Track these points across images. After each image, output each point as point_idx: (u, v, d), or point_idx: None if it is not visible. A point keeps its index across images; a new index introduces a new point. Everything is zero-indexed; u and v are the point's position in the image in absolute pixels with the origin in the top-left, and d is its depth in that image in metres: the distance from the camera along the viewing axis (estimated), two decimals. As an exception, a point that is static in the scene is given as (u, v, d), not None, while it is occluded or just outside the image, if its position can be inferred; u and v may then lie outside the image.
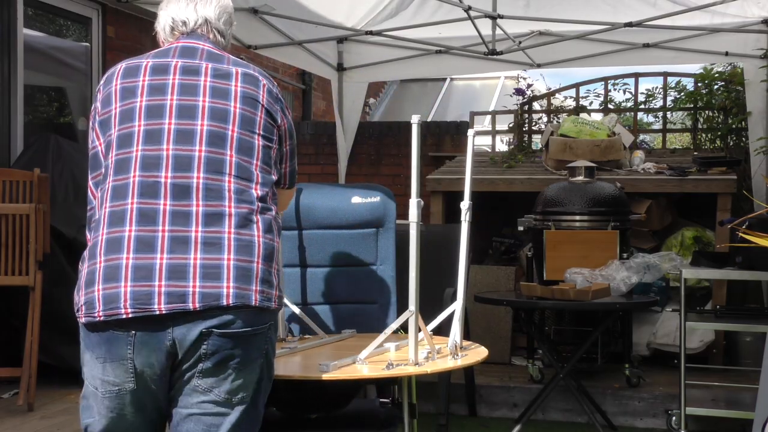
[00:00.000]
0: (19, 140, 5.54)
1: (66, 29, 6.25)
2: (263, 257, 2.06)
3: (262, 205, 2.09)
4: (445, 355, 2.53)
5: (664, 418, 4.24)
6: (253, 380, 2.07)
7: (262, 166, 2.11)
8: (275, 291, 2.09)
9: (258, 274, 2.04)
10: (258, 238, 2.05)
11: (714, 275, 4.55)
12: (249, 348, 2.04)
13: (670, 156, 6.37)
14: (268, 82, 2.20)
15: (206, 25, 2.24)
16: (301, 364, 2.56)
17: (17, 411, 4.18)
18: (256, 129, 2.12)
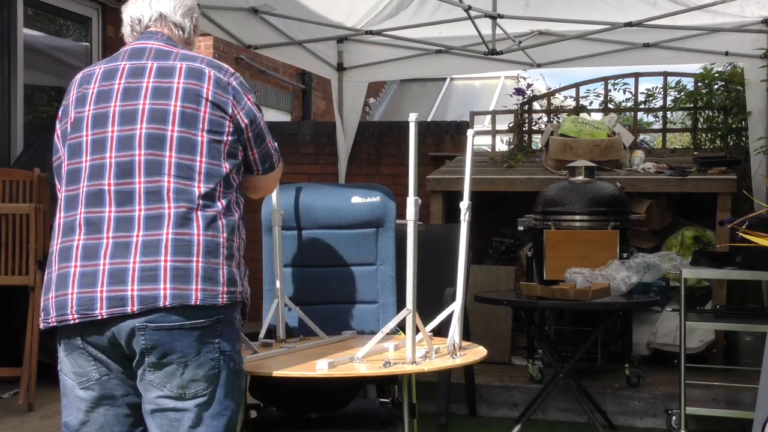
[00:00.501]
0: (19, 140, 5.54)
1: (66, 29, 6.25)
2: (204, 254, 2.06)
3: (204, 202, 2.08)
4: (444, 355, 2.53)
5: (664, 417, 4.24)
6: (207, 375, 2.07)
7: (208, 162, 2.11)
8: (222, 287, 2.08)
9: (198, 272, 2.05)
10: (197, 236, 2.06)
11: (714, 275, 4.55)
12: (191, 342, 2.05)
13: (670, 156, 6.37)
14: (217, 72, 2.17)
15: (161, 20, 2.24)
16: (301, 363, 2.55)
17: (17, 411, 4.18)
18: (199, 125, 2.11)
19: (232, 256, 2.12)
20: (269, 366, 2.50)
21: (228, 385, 2.12)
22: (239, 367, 2.17)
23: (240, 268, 2.16)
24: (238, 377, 2.16)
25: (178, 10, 2.26)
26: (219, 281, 2.07)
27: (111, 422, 2.14)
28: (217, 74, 2.15)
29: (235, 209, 2.17)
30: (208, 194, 2.09)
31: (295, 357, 2.67)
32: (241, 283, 2.15)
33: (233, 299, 2.11)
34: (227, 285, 2.10)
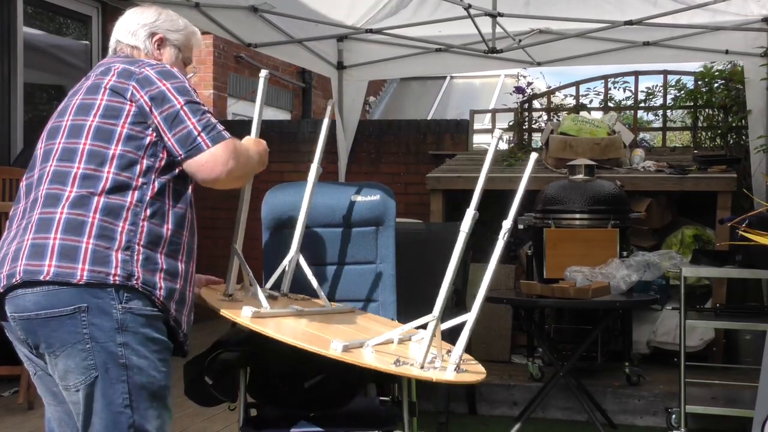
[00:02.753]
0: (19, 138, 5.55)
1: (66, 27, 6.25)
2: (62, 231, 2.04)
3: (80, 180, 2.09)
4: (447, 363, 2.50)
5: (664, 416, 4.24)
6: (81, 366, 2.03)
7: (92, 143, 2.13)
8: (81, 265, 2.01)
9: (54, 248, 2.03)
10: (60, 214, 2.07)
11: (714, 273, 4.55)
12: (54, 331, 2.03)
13: (670, 154, 6.37)
14: (128, 66, 2.21)
15: (120, 44, 2.36)
16: (309, 336, 2.50)
17: (17, 409, 4.18)
18: (92, 112, 2.16)
19: (109, 238, 2.05)
20: (278, 329, 2.44)
21: (111, 381, 2.03)
22: (126, 361, 2.04)
23: (133, 253, 2.07)
24: (128, 371, 2.04)
25: (129, 34, 2.35)
26: (78, 259, 2.02)
27: (64, 419, 2.20)
28: (126, 67, 2.20)
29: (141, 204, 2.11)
30: (86, 175, 2.10)
31: (300, 324, 2.61)
32: (122, 267, 2.04)
33: (99, 280, 2.02)
34: (90, 264, 2.02)
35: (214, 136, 2.14)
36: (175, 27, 2.40)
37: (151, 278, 2.09)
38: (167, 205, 2.16)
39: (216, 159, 2.13)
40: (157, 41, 2.36)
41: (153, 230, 2.12)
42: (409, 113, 11.07)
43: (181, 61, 2.41)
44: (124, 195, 2.09)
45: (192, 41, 2.46)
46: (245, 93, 8.98)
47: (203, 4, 4.96)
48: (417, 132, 7.66)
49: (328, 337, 2.39)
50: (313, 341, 2.38)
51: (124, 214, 2.08)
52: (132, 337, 2.05)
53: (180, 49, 2.41)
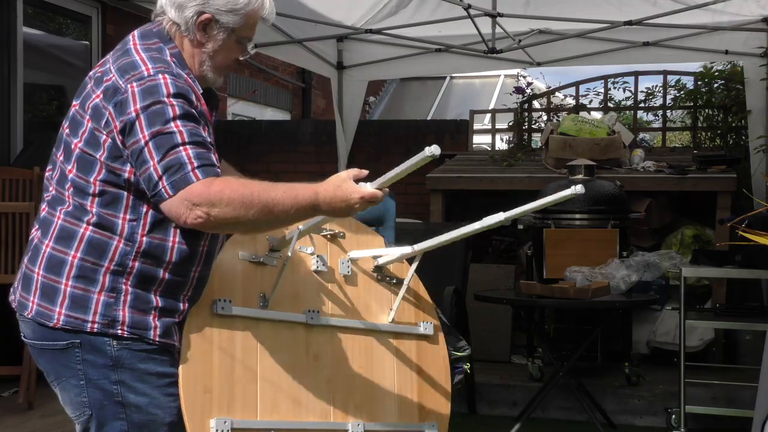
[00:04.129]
0: (18, 138, 5.54)
1: (66, 27, 6.25)
2: (45, 268, 1.93)
3: (66, 211, 1.93)
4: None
5: (663, 416, 4.24)
6: (76, 401, 1.95)
7: (77, 175, 1.92)
8: (58, 309, 1.90)
9: (37, 284, 1.94)
10: (46, 247, 1.94)
11: (714, 273, 4.55)
12: (49, 361, 1.97)
13: (669, 154, 6.37)
14: (119, 77, 1.89)
15: (161, 14, 2.02)
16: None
17: (17, 409, 4.18)
18: (78, 134, 1.94)
19: (90, 279, 1.90)
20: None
21: (106, 416, 1.93)
22: (124, 399, 1.92)
23: (109, 296, 1.91)
24: (124, 409, 1.92)
25: (174, 6, 1.98)
26: (56, 302, 1.90)
27: None
28: (116, 81, 1.89)
29: (117, 227, 1.91)
30: (77, 206, 1.93)
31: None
32: (103, 313, 1.89)
33: (76, 327, 1.89)
34: (68, 309, 1.90)
35: (175, 181, 1.79)
36: (232, 6, 1.98)
37: (142, 319, 1.92)
38: (169, 242, 1.93)
39: (177, 210, 1.80)
40: (203, 23, 1.97)
41: (145, 271, 1.92)
42: (408, 113, 11.06)
43: (234, 41, 2.03)
44: (111, 232, 1.90)
45: (254, 20, 2.05)
46: (245, 93, 8.97)
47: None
48: (417, 132, 7.65)
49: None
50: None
51: (110, 254, 1.90)
52: (129, 374, 1.91)
53: (233, 30, 2.00)
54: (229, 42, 2.02)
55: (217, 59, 2.03)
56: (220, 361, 1.98)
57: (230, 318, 2.01)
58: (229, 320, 2.01)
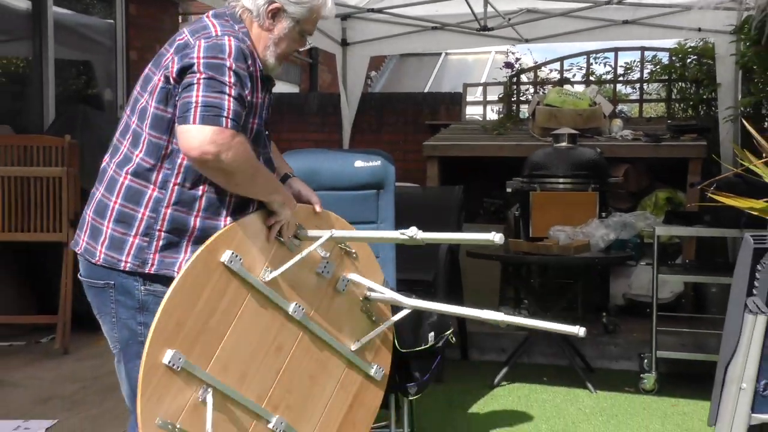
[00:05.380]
0: (50, 109, 5.53)
1: (92, 7, 6.19)
2: (94, 211, 2.00)
3: (118, 161, 1.98)
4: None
5: (637, 361, 4.27)
6: (110, 335, 2.01)
7: (135, 122, 1.98)
8: (100, 247, 1.95)
9: (87, 225, 2.00)
10: (98, 193, 2.01)
11: (684, 232, 4.56)
12: (93, 297, 2.02)
13: (646, 124, 6.36)
14: (188, 38, 1.94)
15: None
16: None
17: (54, 354, 4.22)
18: (147, 87, 1.99)
19: (127, 224, 1.94)
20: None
21: (130, 354, 1.96)
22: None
23: (141, 239, 1.93)
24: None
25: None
26: (99, 240, 1.95)
27: None
28: (187, 39, 1.93)
29: (153, 176, 1.94)
30: (127, 156, 1.97)
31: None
32: (135, 254, 1.93)
33: (112, 265, 1.94)
34: (107, 248, 1.95)
35: (206, 116, 1.81)
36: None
37: (170, 262, 1.94)
38: (200, 191, 1.94)
39: (192, 136, 1.81)
40: (272, 11, 2.02)
41: (177, 218, 1.94)
42: (407, 87, 11.00)
43: (297, 32, 2.09)
44: (147, 180, 1.93)
45: (317, 15, 2.11)
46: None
47: (218, -15, 4.91)
48: (415, 104, 7.63)
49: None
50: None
51: (144, 200, 1.93)
52: (152, 317, 1.90)
53: (299, 21, 2.06)
54: (293, 32, 2.08)
55: (281, 46, 2.08)
56: (204, 306, 1.89)
57: (233, 273, 1.94)
58: (230, 275, 1.94)
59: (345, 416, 2.22)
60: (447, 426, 3.54)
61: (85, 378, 3.75)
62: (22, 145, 4.49)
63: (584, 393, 4.07)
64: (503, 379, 4.23)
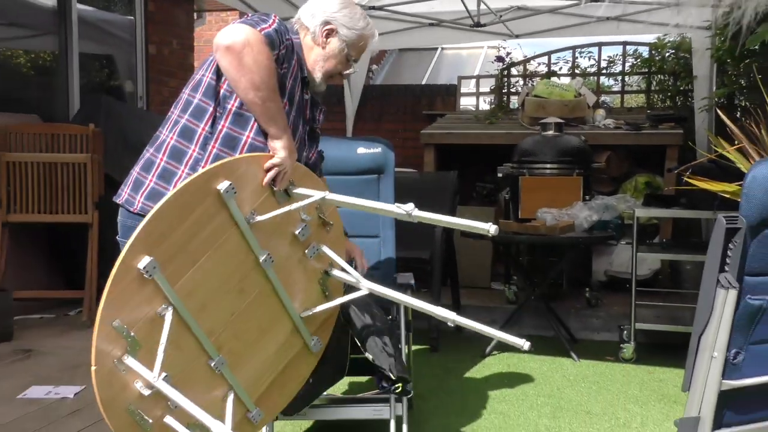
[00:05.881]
0: (75, 100, 5.51)
1: (114, 4, 6.15)
2: (141, 167, 2.04)
3: (169, 126, 2.03)
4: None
5: (617, 332, 4.29)
6: None
7: (189, 93, 2.04)
8: (139, 197, 2.00)
9: (131, 179, 2.04)
10: (147, 152, 2.05)
11: (662, 214, 4.56)
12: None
13: (627, 113, 6.34)
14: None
15: (299, 21, 2.18)
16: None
17: (81, 326, 4.24)
18: (205, 65, 2.05)
19: (168, 179, 1.98)
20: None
21: None
22: None
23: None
24: None
25: (309, 14, 2.14)
26: (139, 192, 2.00)
27: None
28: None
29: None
30: (175, 120, 2.03)
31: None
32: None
33: (146, 212, 1.88)
34: (145, 198, 1.99)
35: (245, 21, 1.90)
36: (352, 24, 2.14)
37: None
38: (237, 155, 1.97)
39: (228, 29, 1.88)
40: (327, 31, 2.12)
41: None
42: (406, 79, 10.95)
43: (344, 56, 2.15)
44: (190, 141, 1.97)
45: (363, 43, 2.18)
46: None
47: (233, -14, 4.89)
48: (413, 95, 7.60)
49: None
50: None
51: (185, 159, 1.97)
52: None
53: (348, 45, 2.14)
54: (341, 54, 2.14)
55: (329, 63, 2.13)
56: (190, 226, 1.80)
57: (223, 204, 1.86)
58: (221, 205, 1.85)
59: (276, 378, 2.12)
60: (442, 391, 3.56)
61: (110, 348, 3.76)
62: (50, 134, 4.48)
63: (568, 361, 4.08)
64: (494, 349, 4.25)
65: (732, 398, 1.91)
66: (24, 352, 3.72)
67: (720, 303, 1.84)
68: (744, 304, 1.85)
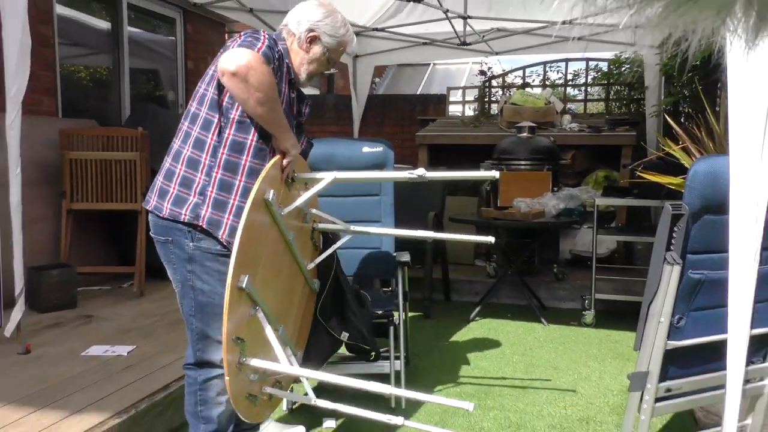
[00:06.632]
0: (126, 107, 5.50)
1: (158, 27, 6.12)
2: (163, 176, 1.95)
3: (182, 138, 1.96)
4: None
5: (580, 301, 4.30)
6: (172, 277, 1.97)
7: (196, 107, 1.96)
8: (166, 204, 1.90)
9: (156, 188, 1.96)
10: (167, 162, 1.97)
11: (618, 203, 4.56)
12: (159, 250, 1.97)
13: (589, 118, 6.31)
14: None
15: (284, 26, 2.10)
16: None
17: (132, 296, 4.25)
18: (206, 80, 1.97)
19: (188, 186, 1.89)
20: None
21: (184, 293, 1.95)
22: (194, 284, 1.92)
23: (194, 196, 1.89)
24: (193, 291, 1.93)
25: (295, 22, 2.06)
26: (165, 199, 1.92)
27: None
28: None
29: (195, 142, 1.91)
30: (188, 133, 1.95)
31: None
32: (192, 209, 1.88)
33: (174, 217, 1.89)
34: (171, 204, 1.90)
35: (242, 43, 1.80)
36: (333, 32, 2.06)
37: (217, 219, 1.88)
38: (242, 160, 1.89)
39: (229, 54, 1.76)
40: (310, 38, 2.04)
41: (225, 180, 1.88)
42: (403, 90, 10.92)
43: (326, 59, 2.07)
44: (201, 151, 1.89)
45: (342, 48, 2.10)
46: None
47: (256, 10, 4.84)
48: (409, 103, 7.57)
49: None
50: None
51: (200, 167, 1.89)
52: (199, 267, 1.90)
53: (328, 50, 2.06)
54: (323, 57, 2.06)
55: (312, 66, 2.06)
56: (257, 237, 1.80)
57: (267, 209, 1.86)
58: (266, 209, 1.86)
59: (301, 322, 2.19)
60: (434, 352, 3.56)
61: (157, 314, 3.77)
62: (105, 135, 4.47)
63: (539, 326, 4.09)
64: (477, 316, 4.26)
65: (675, 356, 1.92)
66: (86, 317, 3.73)
67: (666, 277, 1.84)
68: (686, 278, 1.85)
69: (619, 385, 3.07)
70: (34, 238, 4.11)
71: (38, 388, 2.55)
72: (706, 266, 1.85)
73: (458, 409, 2.73)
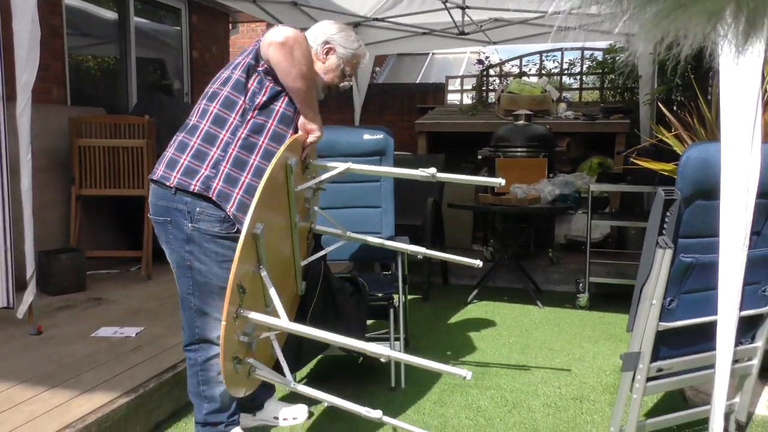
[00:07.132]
0: (133, 96, 5.47)
1: (163, 17, 6.08)
2: (175, 148, 1.94)
3: (200, 113, 1.97)
4: None
5: (574, 284, 4.31)
6: (169, 257, 1.96)
7: (218, 87, 1.98)
8: (175, 173, 1.89)
9: (165, 159, 1.94)
10: (179, 135, 1.97)
11: (611, 188, 4.55)
12: (157, 230, 1.95)
13: (584, 107, 6.28)
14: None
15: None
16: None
17: (140, 279, 4.25)
18: (234, 65, 1.99)
19: (201, 158, 1.89)
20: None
21: (181, 273, 1.95)
22: (192, 264, 1.92)
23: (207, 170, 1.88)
24: (191, 271, 1.93)
25: (313, 36, 2.12)
26: (174, 169, 1.90)
27: None
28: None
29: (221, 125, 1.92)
30: (207, 110, 1.96)
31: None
32: (203, 181, 1.87)
33: (184, 187, 1.87)
34: (181, 174, 1.89)
35: (286, 25, 1.90)
36: (347, 45, 2.14)
37: (227, 193, 1.88)
38: (260, 141, 1.90)
39: (277, 29, 1.85)
40: (326, 49, 2.12)
41: (240, 158, 1.89)
42: (403, 78, 10.85)
43: (341, 70, 2.14)
44: (222, 127, 1.90)
45: (356, 60, 2.17)
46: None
47: (260, 0, 4.80)
48: (409, 92, 7.53)
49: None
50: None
51: (217, 143, 1.89)
52: (197, 248, 1.90)
53: (343, 61, 2.13)
54: (338, 69, 2.13)
55: (328, 76, 2.12)
56: (274, 194, 1.80)
57: (285, 176, 1.87)
58: (285, 176, 1.87)
59: (291, 300, 2.17)
60: (432, 333, 3.57)
61: (163, 297, 3.78)
62: (113, 123, 4.45)
63: (534, 308, 4.10)
64: (474, 298, 4.26)
65: (666, 337, 1.92)
66: (95, 299, 3.73)
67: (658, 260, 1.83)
68: (678, 262, 1.85)
69: (611, 365, 3.08)
70: (45, 223, 4.11)
71: (50, 367, 2.56)
72: (697, 250, 1.85)
73: (457, 387, 2.74)
